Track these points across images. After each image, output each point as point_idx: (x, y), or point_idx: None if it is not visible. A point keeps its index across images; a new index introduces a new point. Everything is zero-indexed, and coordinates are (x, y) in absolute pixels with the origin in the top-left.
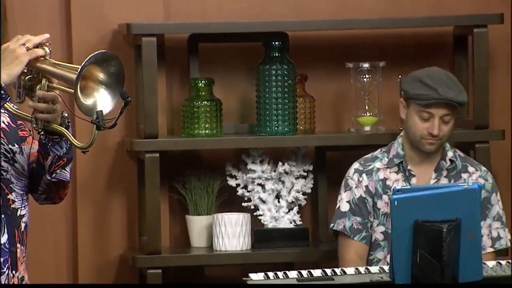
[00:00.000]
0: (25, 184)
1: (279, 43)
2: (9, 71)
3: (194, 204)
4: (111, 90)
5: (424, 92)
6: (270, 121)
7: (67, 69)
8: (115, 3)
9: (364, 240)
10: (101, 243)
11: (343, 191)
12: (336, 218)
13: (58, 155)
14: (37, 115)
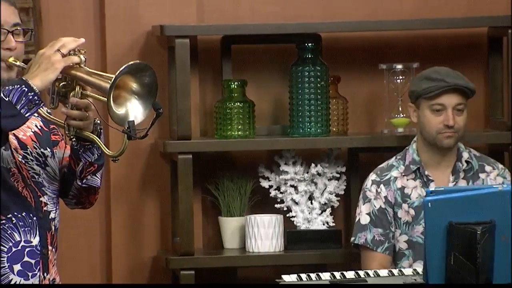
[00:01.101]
0: (56, 188)
1: (312, 45)
2: (44, 77)
3: (227, 205)
4: (144, 100)
5: (432, 84)
6: (303, 123)
7: (101, 78)
8: (149, 5)
9: (387, 251)
10: (135, 244)
11: (362, 204)
12: (357, 232)
13: (89, 162)
14: (70, 122)
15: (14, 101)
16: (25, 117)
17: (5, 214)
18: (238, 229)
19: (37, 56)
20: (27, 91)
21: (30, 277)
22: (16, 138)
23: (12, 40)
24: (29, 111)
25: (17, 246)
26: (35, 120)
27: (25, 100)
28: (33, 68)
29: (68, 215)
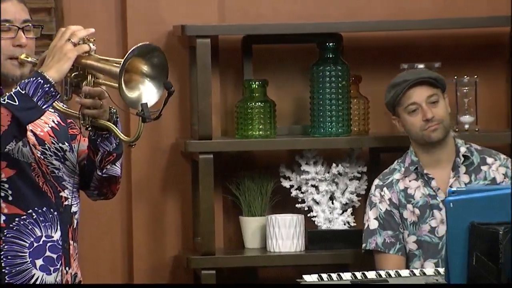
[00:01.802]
0: (76, 181)
1: (333, 44)
2: (59, 68)
3: (248, 205)
4: (155, 81)
5: (398, 88)
6: (324, 122)
7: (111, 64)
8: (170, 5)
9: (399, 252)
10: (156, 244)
11: (369, 210)
12: (367, 238)
13: (108, 151)
14: (84, 111)
15: (30, 94)
16: (42, 109)
17: (25, 210)
18: (259, 229)
19: (49, 48)
20: (43, 83)
21: (52, 272)
22: (34, 134)
23: (23, 36)
24: (46, 103)
25: (38, 241)
26: (52, 115)
27: (41, 92)
28: (47, 60)
29: (90, 214)
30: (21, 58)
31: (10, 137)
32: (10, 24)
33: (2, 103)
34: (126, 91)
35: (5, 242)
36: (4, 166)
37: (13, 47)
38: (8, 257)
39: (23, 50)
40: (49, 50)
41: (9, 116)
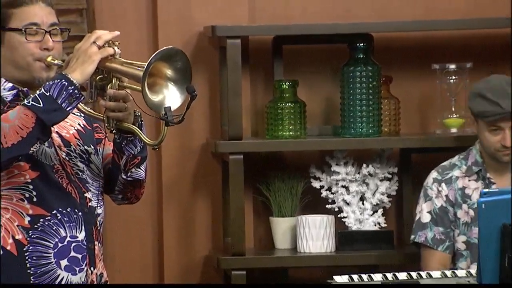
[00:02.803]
0: (100, 185)
1: (363, 45)
2: (83, 70)
3: (278, 205)
4: (179, 85)
5: (487, 109)
6: (355, 123)
7: (135, 67)
8: (201, 6)
9: (447, 250)
10: (186, 244)
11: (423, 202)
12: (417, 230)
13: (133, 154)
14: (109, 114)
15: (54, 96)
16: (67, 111)
17: (49, 211)
18: (289, 229)
19: (74, 51)
20: (67, 85)
21: (77, 272)
22: (59, 136)
23: (50, 39)
24: (70, 105)
25: (63, 241)
26: (78, 118)
27: (65, 94)
28: (72, 63)
29: (121, 215)
30: (48, 61)
31: (34, 138)
32: (38, 28)
33: (27, 105)
34: (149, 95)
35: (30, 243)
36: (27, 168)
37: (40, 50)
38: (33, 258)
39: (50, 53)
40: (73, 52)
41: (33, 118)
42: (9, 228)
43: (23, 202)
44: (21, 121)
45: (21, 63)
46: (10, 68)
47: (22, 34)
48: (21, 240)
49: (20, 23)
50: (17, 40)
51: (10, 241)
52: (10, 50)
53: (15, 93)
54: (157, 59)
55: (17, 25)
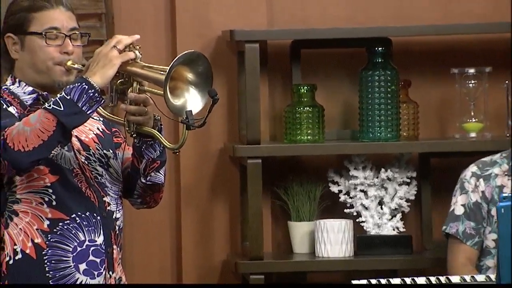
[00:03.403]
0: (119, 189)
1: (382, 49)
2: (103, 74)
3: (296, 210)
4: (200, 89)
5: None
6: (373, 127)
7: (156, 71)
8: (220, 10)
9: (476, 245)
10: (205, 248)
11: (459, 194)
12: (449, 221)
13: (152, 158)
14: (129, 118)
15: (75, 99)
16: (87, 114)
17: (68, 215)
18: (307, 233)
19: (95, 54)
20: (87, 88)
21: (96, 276)
22: (78, 140)
23: (70, 44)
24: (91, 108)
25: (81, 245)
26: (97, 123)
27: (86, 97)
28: (92, 66)
29: (139, 219)
30: (68, 65)
31: (55, 142)
32: (58, 32)
33: (48, 109)
34: (171, 99)
35: (49, 247)
36: (47, 172)
37: (60, 54)
38: (52, 261)
39: (70, 57)
40: (94, 56)
41: (54, 121)
42: (29, 231)
43: (42, 206)
44: (42, 125)
45: (41, 67)
46: (31, 72)
47: (42, 38)
48: (40, 244)
49: (40, 27)
50: (37, 44)
51: (29, 244)
52: (30, 54)
53: (35, 97)
54: (178, 63)
55: (37, 29)
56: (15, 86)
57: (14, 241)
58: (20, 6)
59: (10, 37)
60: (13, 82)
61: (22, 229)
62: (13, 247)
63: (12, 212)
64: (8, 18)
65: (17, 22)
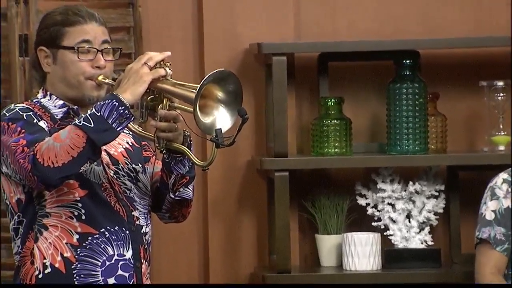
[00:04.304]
0: (148, 203)
1: (410, 62)
2: (134, 91)
3: (324, 223)
4: (230, 108)
5: None
6: (401, 140)
7: (187, 89)
8: (247, 23)
9: (505, 252)
10: (232, 261)
11: (489, 200)
12: (481, 226)
13: (181, 174)
14: (159, 134)
15: (105, 116)
16: (117, 131)
17: (97, 229)
18: (335, 247)
19: (126, 71)
20: (117, 105)
21: None
22: (107, 154)
23: (102, 58)
24: (121, 125)
25: (110, 259)
26: (126, 137)
27: (116, 114)
28: (123, 83)
29: (167, 232)
30: (99, 80)
31: (85, 158)
32: (90, 46)
33: (78, 125)
34: (200, 117)
35: (78, 261)
36: (76, 186)
37: (91, 68)
38: (81, 275)
39: (101, 72)
40: (125, 72)
41: (84, 138)
42: (58, 245)
43: (72, 220)
44: (72, 141)
45: (72, 82)
46: (62, 85)
47: (75, 52)
48: (70, 258)
49: (73, 41)
50: (69, 59)
51: (58, 258)
52: (62, 68)
53: (65, 110)
54: (209, 81)
55: (69, 44)
56: (46, 99)
57: (44, 255)
58: (54, 19)
59: (43, 50)
60: (44, 95)
61: (51, 243)
62: (43, 261)
63: (42, 226)
64: (41, 31)
65: (50, 36)
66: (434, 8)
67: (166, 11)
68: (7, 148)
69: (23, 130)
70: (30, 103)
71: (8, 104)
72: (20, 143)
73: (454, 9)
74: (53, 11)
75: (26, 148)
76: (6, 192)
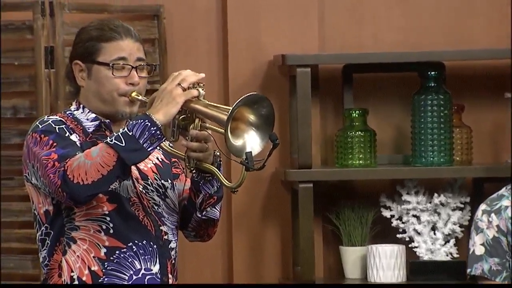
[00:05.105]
0: (176, 220)
1: (435, 73)
2: (166, 112)
3: (348, 235)
4: (261, 131)
5: None
6: (426, 152)
7: (219, 110)
8: (271, 35)
9: (505, 280)
10: (256, 272)
11: (475, 235)
12: (472, 263)
13: (209, 193)
14: (190, 154)
15: (137, 136)
16: (148, 151)
17: (125, 243)
18: (359, 259)
19: (159, 91)
20: (150, 125)
21: None
22: (137, 169)
23: (136, 75)
24: (152, 145)
25: (137, 274)
26: (157, 153)
27: (147, 134)
28: (156, 103)
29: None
30: (132, 96)
31: (114, 177)
32: (124, 63)
33: (109, 143)
34: (231, 139)
35: (105, 275)
36: (105, 200)
37: (125, 85)
38: None
39: (135, 88)
40: (158, 92)
41: (115, 156)
42: (86, 259)
43: (100, 234)
44: (102, 159)
45: (106, 97)
46: (95, 100)
47: (109, 69)
48: (97, 272)
49: (108, 57)
50: (104, 75)
51: (86, 272)
52: (96, 83)
53: (97, 124)
54: (242, 104)
55: (105, 59)
56: (79, 112)
57: (72, 268)
58: (90, 34)
59: (78, 64)
60: (77, 108)
61: (79, 256)
62: (70, 274)
63: (70, 239)
64: (77, 45)
65: (85, 51)
66: (459, 19)
67: (190, 23)
68: (38, 160)
69: (55, 143)
70: (63, 115)
71: (37, 116)
72: (51, 157)
73: (479, 21)
74: (89, 25)
75: (57, 162)
76: (35, 202)
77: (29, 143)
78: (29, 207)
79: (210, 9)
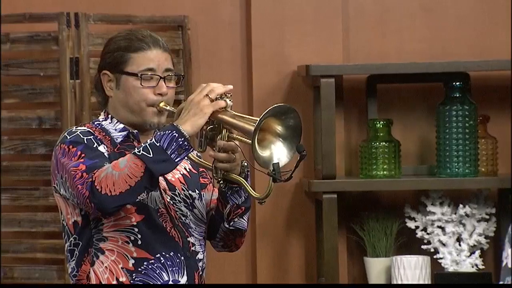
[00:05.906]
0: (204, 230)
1: (460, 84)
2: (194, 123)
3: (372, 246)
4: (288, 143)
5: None
6: (451, 163)
7: (246, 121)
8: (296, 46)
9: None
10: (280, 283)
11: (509, 247)
12: (505, 276)
13: (237, 204)
14: (217, 165)
15: (164, 147)
16: (175, 162)
17: (153, 254)
18: (384, 270)
19: (187, 102)
20: (177, 136)
21: None
22: (165, 179)
23: (164, 85)
24: (179, 156)
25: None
26: (184, 163)
27: (175, 145)
28: (183, 114)
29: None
30: (160, 106)
31: (142, 188)
32: (152, 73)
33: (137, 154)
34: (258, 150)
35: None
36: (133, 211)
37: (153, 95)
38: None
39: (163, 99)
40: (186, 103)
41: (142, 167)
42: (114, 270)
43: (128, 245)
44: (130, 170)
45: (134, 108)
46: (124, 110)
47: (138, 79)
48: (125, 283)
49: (137, 67)
50: (132, 85)
51: (114, 282)
52: (125, 94)
53: (125, 134)
54: (269, 115)
55: (133, 70)
56: (107, 122)
57: (100, 279)
58: (118, 44)
59: (106, 74)
60: (105, 118)
61: (107, 267)
62: None
63: (98, 250)
64: (105, 55)
65: (113, 61)
66: (484, 30)
67: (215, 34)
68: (67, 171)
69: (83, 154)
70: (91, 125)
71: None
72: (80, 168)
73: (504, 31)
74: (118, 35)
75: (85, 173)
76: (63, 213)
77: (58, 154)
78: (54, 218)
79: (234, 19)
